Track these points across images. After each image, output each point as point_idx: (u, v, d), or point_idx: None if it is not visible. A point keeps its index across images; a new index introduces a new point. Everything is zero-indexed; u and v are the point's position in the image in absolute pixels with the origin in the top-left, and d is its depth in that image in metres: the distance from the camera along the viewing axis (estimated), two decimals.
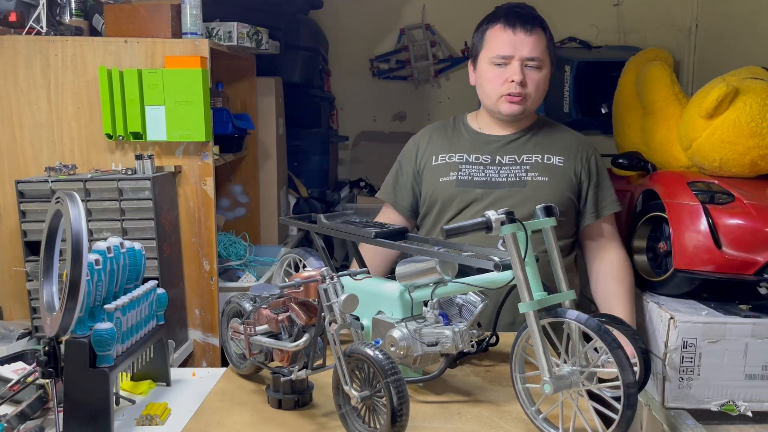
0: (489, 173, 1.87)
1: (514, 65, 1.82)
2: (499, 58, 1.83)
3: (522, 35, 1.81)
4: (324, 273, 1.17)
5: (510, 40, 1.82)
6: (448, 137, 1.97)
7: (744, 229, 1.75)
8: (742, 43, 3.19)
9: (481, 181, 1.86)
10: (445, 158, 1.92)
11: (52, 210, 1.26)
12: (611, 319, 1.22)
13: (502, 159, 1.89)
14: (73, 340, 1.21)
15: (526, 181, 1.85)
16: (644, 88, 2.21)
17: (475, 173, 1.88)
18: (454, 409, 1.30)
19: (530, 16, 1.84)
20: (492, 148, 1.91)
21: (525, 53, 1.81)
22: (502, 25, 1.84)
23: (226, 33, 2.30)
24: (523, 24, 1.82)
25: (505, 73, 1.83)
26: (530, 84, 1.83)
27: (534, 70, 1.83)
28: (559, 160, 1.88)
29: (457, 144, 1.94)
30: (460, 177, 1.88)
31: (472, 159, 1.90)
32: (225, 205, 2.91)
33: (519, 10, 1.86)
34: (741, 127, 1.84)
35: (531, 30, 1.82)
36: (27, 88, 2.02)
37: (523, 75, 1.82)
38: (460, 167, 1.89)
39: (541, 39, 1.84)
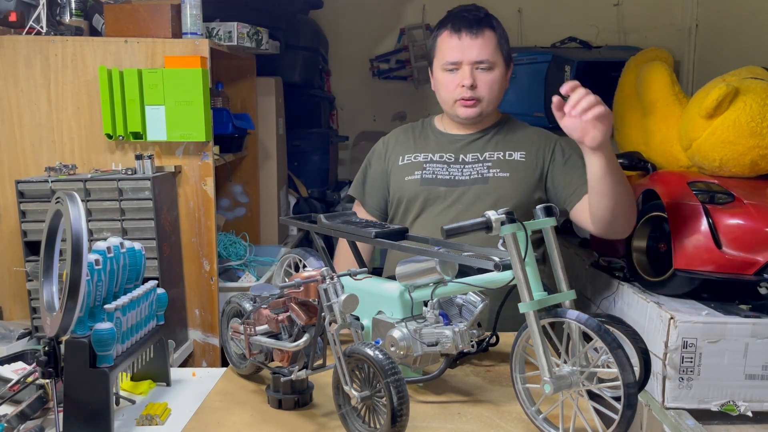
0: (452, 171, 1.90)
1: (464, 70, 1.84)
2: (449, 64, 1.86)
3: (468, 40, 1.83)
4: (324, 273, 1.17)
5: (457, 45, 1.84)
6: (414, 138, 2.01)
7: (744, 229, 1.75)
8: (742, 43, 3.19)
9: (444, 179, 1.89)
10: (410, 158, 1.96)
11: (52, 210, 1.26)
12: (611, 319, 1.22)
13: (465, 157, 1.91)
14: (73, 340, 1.21)
15: (488, 178, 1.87)
16: (644, 88, 2.21)
17: (439, 171, 1.90)
18: (454, 409, 1.30)
19: (476, 20, 1.86)
20: (456, 147, 1.94)
21: (473, 57, 1.83)
22: (449, 31, 1.86)
23: (226, 33, 2.30)
24: (468, 28, 1.84)
25: (456, 79, 1.86)
26: (482, 86, 1.85)
27: (485, 72, 1.85)
28: (521, 155, 1.90)
29: (423, 144, 1.98)
30: (425, 175, 1.91)
31: (437, 158, 1.93)
32: (225, 205, 2.91)
33: (466, 14, 1.87)
34: (741, 127, 1.84)
35: (477, 33, 1.83)
36: (27, 88, 2.03)
37: (474, 78, 1.84)
38: (424, 166, 1.92)
39: (490, 40, 1.85)
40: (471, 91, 1.84)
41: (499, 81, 1.88)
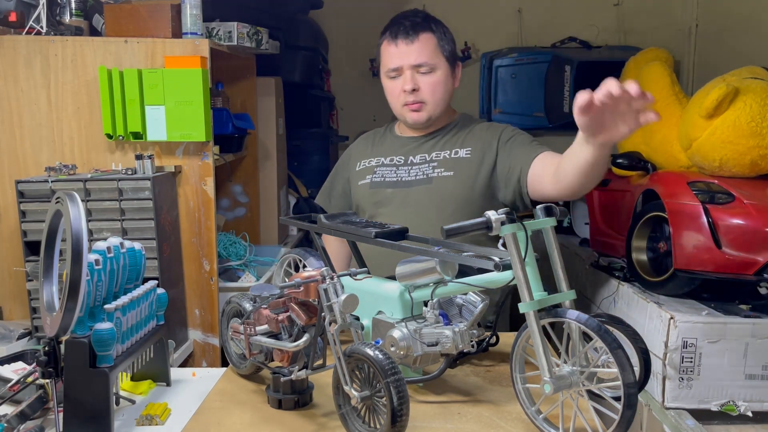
0: (400, 173, 1.93)
1: (405, 75, 1.87)
2: (391, 71, 1.90)
3: (404, 46, 1.87)
4: (324, 273, 1.17)
5: (395, 52, 1.88)
6: (372, 143, 2.06)
7: (744, 229, 1.75)
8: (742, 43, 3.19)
9: (392, 182, 1.92)
10: (365, 163, 2.00)
11: (52, 210, 1.26)
12: (611, 319, 1.22)
13: (414, 158, 1.94)
14: (73, 340, 1.21)
15: (432, 178, 1.89)
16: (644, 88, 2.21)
17: (387, 174, 1.94)
18: (454, 409, 1.30)
19: (412, 25, 1.88)
20: (407, 149, 1.96)
21: (411, 61, 1.86)
22: (387, 39, 1.91)
23: (226, 33, 2.30)
24: (405, 35, 1.87)
25: (399, 84, 1.89)
26: (425, 89, 1.87)
27: (426, 75, 1.87)
28: (467, 152, 1.91)
29: (378, 149, 2.02)
30: (374, 179, 1.95)
31: (387, 161, 1.97)
32: (225, 205, 2.91)
33: (403, 20, 1.90)
34: (741, 127, 1.84)
35: (413, 38, 1.86)
36: (27, 88, 2.02)
37: (415, 82, 1.87)
38: (375, 170, 1.96)
39: (427, 43, 1.87)
40: (413, 95, 1.87)
41: (442, 82, 1.90)
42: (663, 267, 1.92)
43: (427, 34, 1.88)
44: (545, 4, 3.87)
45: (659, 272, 1.94)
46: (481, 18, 3.86)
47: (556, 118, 3.70)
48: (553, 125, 3.72)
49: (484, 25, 3.87)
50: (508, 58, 3.72)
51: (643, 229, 2.02)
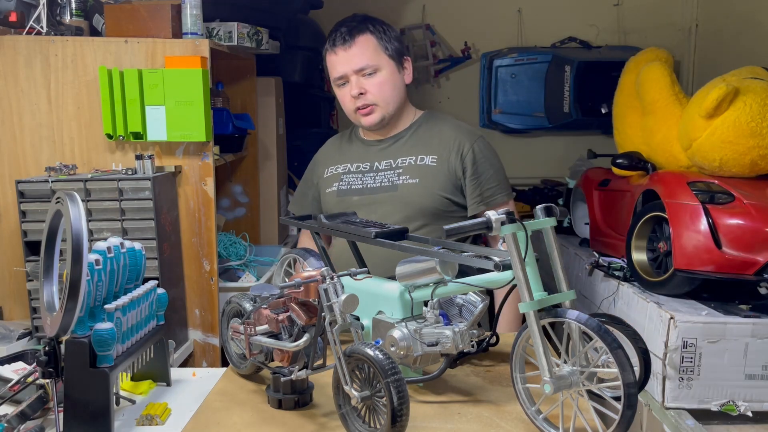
0: (366, 180, 1.93)
1: (351, 80, 1.89)
2: (337, 80, 1.92)
3: (343, 52, 1.88)
4: (324, 273, 1.17)
5: (336, 61, 1.90)
6: (339, 149, 2.07)
7: (744, 229, 1.75)
8: (742, 43, 3.19)
9: (357, 189, 1.93)
10: (332, 170, 2.01)
11: (53, 210, 1.26)
12: (611, 319, 1.22)
13: (379, 165, 1.94)
14: (73, 340, 1.21)
15: (397, 185, 1.89)
16: (644, 88, 2.21)
17: (353, 182, 1.94)
18: (454, 409, 1.30)
19: (348, 30, 1.89)
20: (372, 154, 1.97)
21: (352, 66, 1.88)
22: (328, 49, 1.93)
23: (226, 33, 2.30)
24: (342, 42, 1.88)
25: (347, 90, 1.91)
26: (372, 90, 1.88)
27: (371, 77, 1.88)
28: (432, 159, 1.90)
29: (345, 155, 2.03)
30: (341, 187, 1.95)
31: (353, 168, 1.97)
32: (225, 205, 2.91)
33: (340, 28, 1.91)
34: (741, 127, 1.84)
35: (350, 43, 1.88)
36: (27, 88, 2.02)
37: (360, 86, 1.88)
38: (341, 177, 1.97)
39: (365, 45, 1.88)
40: (361, 99, 1.88)
41: (388, 81, 1.90)
42: (663, 267, 1.92)
43: (365, 36, 1.88)
44: (545, 4, 3.87)
45: (659, 272, 1.94)
46: (481, 18, 3.86)
47: (556, 118, 3.70)
48: (553, 125, 3.72)
49: (484, 25, 3.86)
50: (508, 58, 3.72)
51: (643, 229, 2.02)
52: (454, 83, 3.99)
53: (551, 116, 3.70)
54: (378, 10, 3.95)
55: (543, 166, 3.87)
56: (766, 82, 1.91)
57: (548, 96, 3.68)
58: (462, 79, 3.93)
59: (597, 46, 3.81)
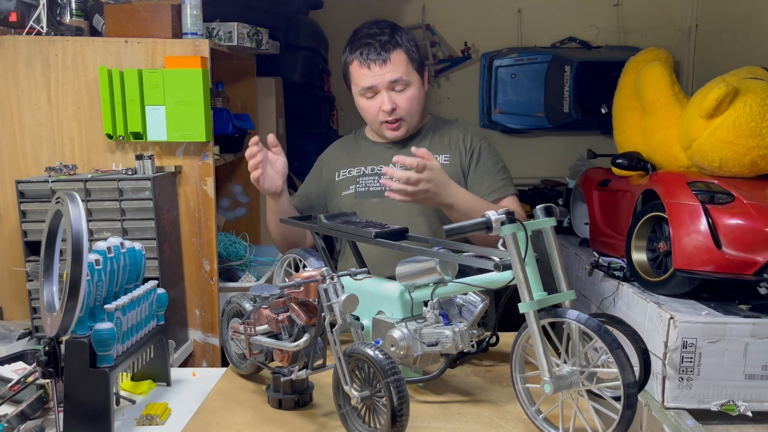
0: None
1: (381, 95, 1.87)
2: (365, 90, 1.89)
3: (377, 68, 1.85)
4: (324, 273, 1.17)
5: (367, 74, 1.87)
6: (348, 152, 2.05)
7: (744, 229, 1.75)
8: (742, 43, 3.19)
9: (376, 191, 1.92)
10: (345, 173, 1.99)
11: (53, 210, 1.26)
12: (611, 319, 1.22)
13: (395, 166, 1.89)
14: (73, 340, 1.21)
15: None
16: (644, 88, 2.21)
17: (371, 184, 1.94)
18: (454, 409, 1.30)
19: (381, 45, 1.86)
20: (386, 156, 1.94)
21: (387, 79, 1.85)
22: (358, 61, 1.88)
23: (226, 33, 2.30)
24: (376, 56, 1.85)
25: (376, 103, 1.88)
26: (402, 105, 1.87)
27: (402, 92, 1.87)
28: (445, 158, 1.92)
29: (357, 158, 2.01)
30: (358, 189, 1.95)
31: (369, 171, 1.96)
32: (225, 205, 2.91)
33: (370, 41, 1.87)
34: (741, 127, 1.84)
35: (385, 59, 1.85)
36: (27, 88, 2.03)
37: (392, 101, 1.86)
38: (358, 180, 1.96)
39: (399, 60, 1.86)
40: (392, 114, 1.87)
41: (417, 95, 1.90)
42: (663, 267, 1.92)
43: (398, 51, 1.87)
44: (545, 4, 3.87)
45: (659, 272, 1.94)
46: (481, 18, 3.86)
47: (556, 118, 3.69)
48: (553, 125, 3.72)
49: (484, 25, 3.86)
50: (508, 58, 3.72)
51: (643, 229, 2.02)
52: (454, 83, 3.99)
53: (551, 116, 3.70)
54: (378, 10, 3.96)
55: (543, 166, 3.87)
56: (766, 82, 1.91)
57: (548, 96, 3.68)
58: (462, 79, 3.92)
59: (597, 46, 3.81)
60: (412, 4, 3.95)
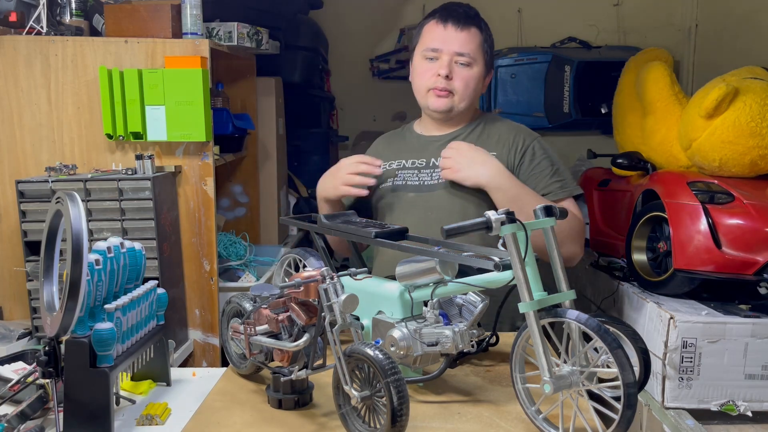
0: (422, 177, 1.87)
1: (443, 59, 1.82)
2: (429, 50, 1.84)
3: (453, 31, 1.82)
4: (324, 273, 1.17)
5: (441, 34, 1.83)
6: (392, 145, 2.01)
7: (744, 229, 1.75)
8: (742, 43, 3.19)
9: (414, 185, 1.87)
10: (385, 166, 1.93)
11: (53, 210, 1.26)
12: (611, 319, 1.22)
13: (436, 161, 1.87)
14: (73, 340, 1.21)
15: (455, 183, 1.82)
16: (644, 88, 2.22)
17: (409, 178, 1.89)
18: (454, 409, 1.30)
19: (465, 15, 1.85)
20: (429, 151, 1.90)
21: (455, 48, 1.82)
22: (436, 20, 1.86)
23: (226, 33, 2.30)
24: (456, 20, 1.83)
25: (434, 67, 1.84)
26: (457, 80, 1.83)
27: (464, 67, 1.83)
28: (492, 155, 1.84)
29: (399, 151, 1.96)
30: (396, 182, 1.90)
31: (409, 164, 1.91)
32: (225, 205, 2.91)
33: (456, 8, 1.87)
34: (741, 127, 1.85)
35: (463, 27, 1.83)
36: (27, 88, 2.03)
37: (451, 70, 1.82)
38: (397, 173, 1.91)
39: (474, 37, 1.84)
40: (446, 81, 1.82)
41: (475, 79, 1.85)
42: (663, 267, 1.92)
43: (477, 30, 1.85)
44: (545, 4, 3.87)
45: (659, 272, 1.94)
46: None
47: (556, 118, 3.70)
48: (552, 125, 3.73)
49: None
50: (508, 58, 3.72)
51: (643, 229, 2.02)
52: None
53: (551, 116, 3.70)
54: (378, 10, 3.96)
55: None
56: (766, 82, 1.91)
57: (548, 96, 3.68)
58: None
59: (597, 46, 3.82)
60: (412, 4, 3.95)
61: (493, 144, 1.87)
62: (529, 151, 1.85)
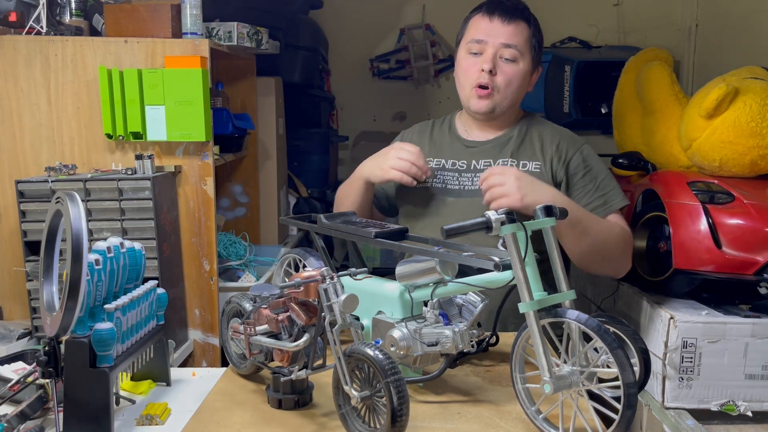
0: (463, 181, 1.82)
1: (487, 52, 1.76)
2: (474, 42, 1.78)
3: (499, 23, 1.76)
4: (324, 273, 1.17)
5: (486, 26, 1.77)
6: (430, 139, 1.93)
7: (744, 229, 1.75)
8: (742, 43, 3.19)
9: (454, 190, 1.82)
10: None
11: (52, 210, 1.26)
12: (611, 319, 1.22)
13: (478, 165, 1.83)
14: (73, 340, 1.21)
15: None
16: (644, 88, 2.22)
17: (449, 180, 1.83)
18: (454, 409, 1.30)
19: (513, 8, 1.78)
20: (470, 153, 1.85)
21: (501, 39, 1.75)
22: (483, 12, 1.80)
23: (226, 33, 2.30)
24: (502, 12, 1.77)
25: (478, 62, 1.77)
26: (501, 76, 1.76)
27: (509, 62, 1.76)
28: (536, 165, 1.79)
29: (438, 148, 1.90)
30: (435, 184, 1.84)
31: (449, 165, 1.86)
32: (225, 205, 2.91)
33: (504, 0, 1.80)
34: (741, 127, 1.84)
35: (510, 19, 1.76)
36: (27, 88, 2.03)
37: (495, 64, 1.76)
38: (436, 173, 1.85)
39: (522, 30, 1.77)
40: (489, 76, 1.75)
41: (520, 76, 1.78)
42: (663, 267, 1.92)
43: (524, 23, 1.77)
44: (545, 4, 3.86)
45: (659, 272, 1.94)
46: None
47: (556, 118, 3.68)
48: None
49: None
50: None
51: (643, 229, 2.02)
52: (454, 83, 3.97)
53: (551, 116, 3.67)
54: (378, 10, 3.96)
55: None
56: (766, 82, 1.91)
57: (548, 96, 3.68)
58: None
59: (597, 46, 3.82)
60: (412, 4, 3.95)
61: (537, 152, 1.81)
62: (574, 159, 1.80)
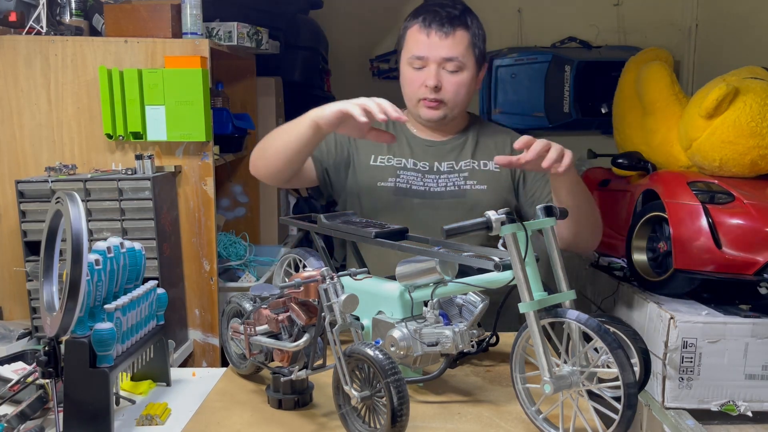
0: (427, 182, 1.82)
1: (430, 68, 1.74)
2: (415, 58, 1.75)
3: (437, 39, 1.73)
4: (324, 273, 1.17)
5: (425, 42, 1.74)
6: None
7: (744, 229, 1.75)
8: (742, 43, 3.19)
9: (419, 191, 1.81)
10: (383, 160, 1.85)
11: (52, 210, 1.26)
12: (611, 319, 1.22)
13: (440, 166, 1.83)
14: (73, 340, 1.21)
15: (465, 191, 1.80)
16: (644, 88, 2.21)
17: (413, 181, 1.82)
18: (454, 409, 1.30)
19: (449, 18, 1.74)
20: (430, 153, 1.85)
21: (441, 54, 1.73)
22: (419, 26, 1.76)
23: (226, 33, 2.30)
24: (439, 26, 1.73)
25: (421, 77, 1.75)
26: (448, 88, 1.75)
27: (453, 73, 1.74)
28: (495, 166, 1.82)
29: (395, 147, 1.86)
30: (398, 184, 1.82)
31: (410, 165, 1.84)
32: (225, 205, 2.91)
33: (439, 10, 1.75)
34: (741, 127, 1.84)
35: (447, 33, 1.73)
36: (27, 88, 2.03)
37: (439, 79, 1.73)
38: (398, 173, 1.83)
39: (461, 39, 1.74)
40: (435, 92, 1.74)
41: (467, 84, 1.77)
42: (663, 267, 1.92)
43: (463, 31, 1.74)
44: (545, 4, 3.87)
45: (659, 272, 1.93)
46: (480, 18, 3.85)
47: (556, 118, 3.70)
48: (553, 125, 3.73)
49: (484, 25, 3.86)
50: (508, 58, 3.72)
51: (643, 229, 2.01)
52: None
53: (551, 116, 3.70)
54: (378, 10, 3.96)
55: None
56: (766, 82, 1.91)
57: (548, 96, 3.68)
58: None
59: (597, 46, 3.81)
60: (412, 4, 3.94)
61: (491, 152, 1.84)
62: None
